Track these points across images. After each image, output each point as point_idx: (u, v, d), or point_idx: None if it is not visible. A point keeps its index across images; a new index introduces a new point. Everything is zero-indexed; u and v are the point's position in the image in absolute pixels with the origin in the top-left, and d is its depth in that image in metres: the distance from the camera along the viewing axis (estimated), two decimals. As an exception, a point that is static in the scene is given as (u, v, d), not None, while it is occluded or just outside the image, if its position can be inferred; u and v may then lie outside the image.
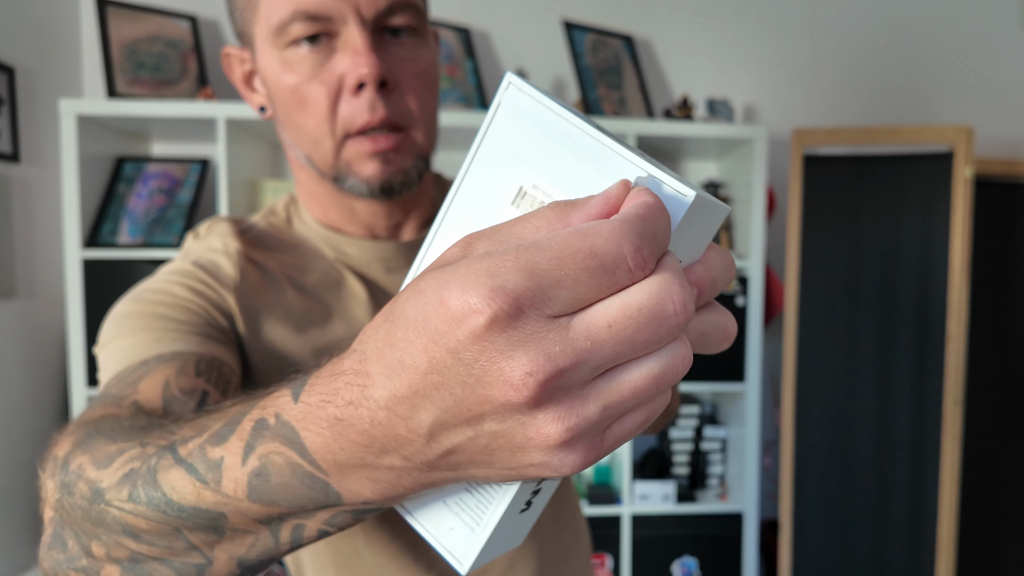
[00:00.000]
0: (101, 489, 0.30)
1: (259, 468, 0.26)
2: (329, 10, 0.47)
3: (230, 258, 0.54)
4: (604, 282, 0.20)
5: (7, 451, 1.65)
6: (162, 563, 0.30)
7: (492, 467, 0.23)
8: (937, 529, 1.78)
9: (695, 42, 2.14)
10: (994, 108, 2.26)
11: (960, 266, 1.74)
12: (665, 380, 0.21)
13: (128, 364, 0.44)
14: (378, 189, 0.52)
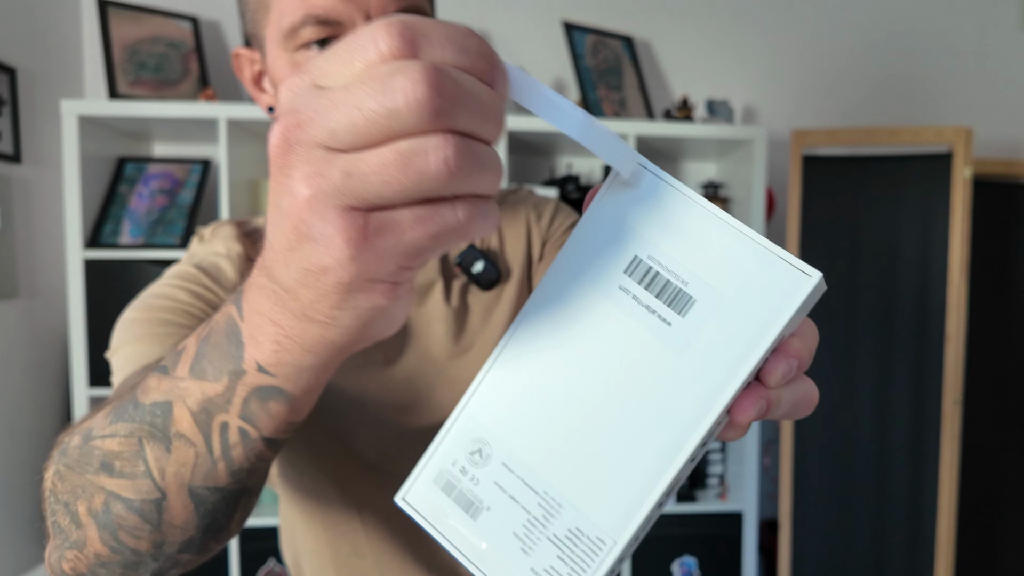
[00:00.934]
0: (91, 429, 0.33)
1: (206, 333, 0.30)
2: (340, 14, 0.48)
3: (231, 261, 0.55)
4: (351, 57, 0.21)
5: (9, 451, 1.65)
6: (126, 505, 0.31)
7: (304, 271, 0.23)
8: (936, 528, 1.78)
9: (695, 43, 2.15)
10: (993, 109, 2.27)
11: (959, 266, 1.74)
12: (411, 169, 0.20)
13: (134, 369, 0.46)
14: None
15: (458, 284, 0.62)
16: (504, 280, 0.62)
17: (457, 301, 0.61)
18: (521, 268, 0.63)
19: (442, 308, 0.60)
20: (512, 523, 0.26)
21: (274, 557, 1.73)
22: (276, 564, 1.73)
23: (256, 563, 1.73)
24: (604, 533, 0.25)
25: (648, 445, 0.25)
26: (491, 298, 0.62)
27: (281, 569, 1.74)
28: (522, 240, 0.64)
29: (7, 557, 1.65)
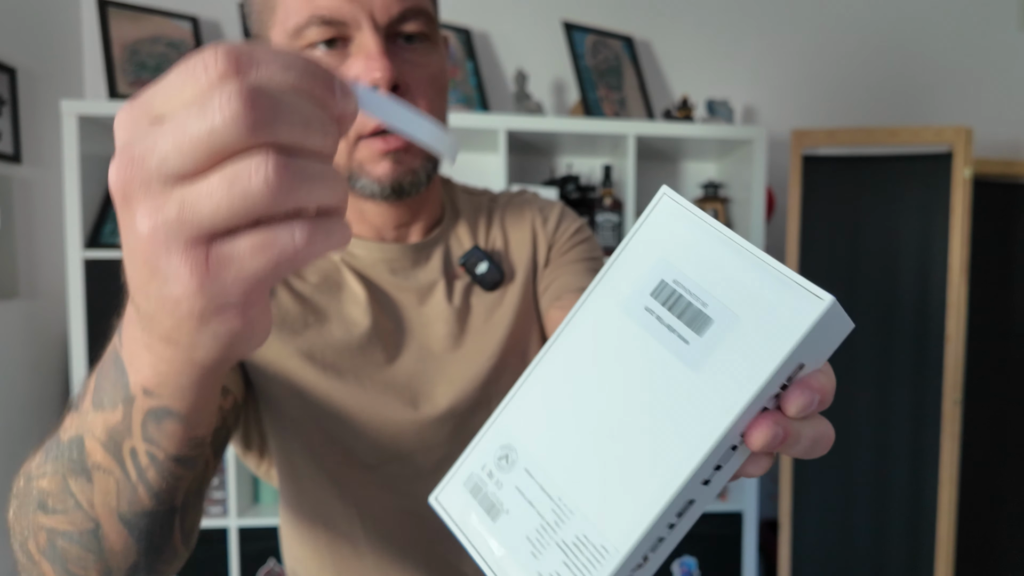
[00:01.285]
0: (30, 471, 0.35)
1: (99, 365, 0.32)
2: (344, 15, 0.49)
3: None
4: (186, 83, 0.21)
5: (8, 451, 1.65)
6: (67, 539, 0.33)
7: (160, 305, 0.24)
8: (936, 528, 1.78)
9: (694, 43, 2.15)
10: (993, 109, 2.27)
11: (959, 266, 1.75)
12: (235, 190, 0.20)
13: None
14: (389, 188, 0.53)
15: (461, 284, 0.62)
16: (508, 281, 0.63)
17: (460, 301, 0.61)
18: (525, 271, 0.64)
19: (444, 308, 0.60)
20: (526, 527, 0.27)
21: (274, 557, 1.73)
22: (276, 564, 1.73)
23: (256, 563, 1.73)
24: (608, 542, 0.25)
25: (659, 460, 0.25)
26: (494, 299, 0.62)
27: (281, 569, 1.74)
28: (527, 243, 0.65)
29: (9, 557, 1.65)
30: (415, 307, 0.60)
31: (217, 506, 1.72)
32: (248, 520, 1.71)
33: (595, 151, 2.02)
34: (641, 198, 2.09)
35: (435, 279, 0.61)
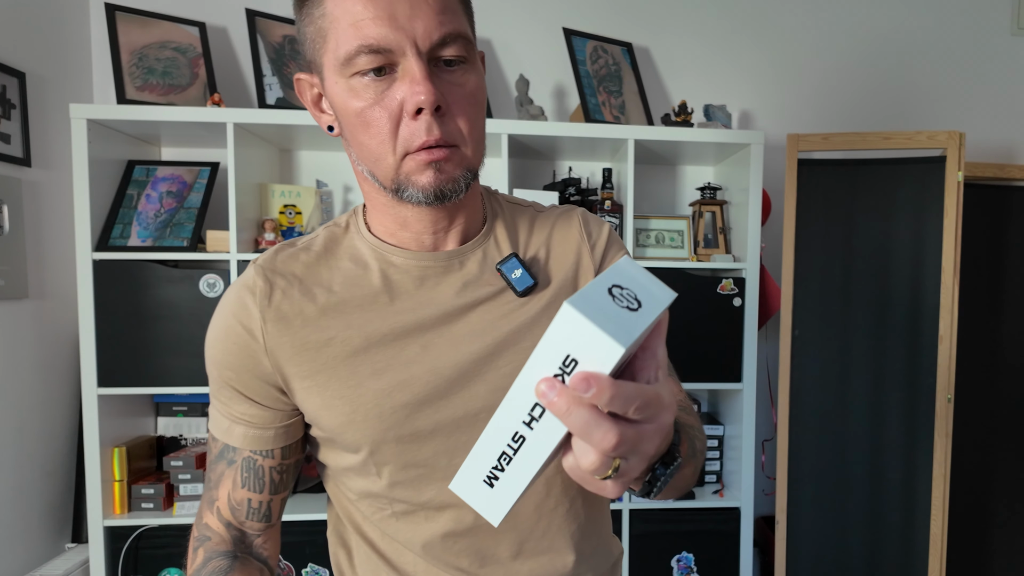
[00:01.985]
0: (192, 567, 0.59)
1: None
2: (390, 43, 0.53)
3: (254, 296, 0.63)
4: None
5: (20, 450, 1.68)
6: None
7: None
8: (930, 523, 1.82)
9: (693, 50, 2.18)
10: (985, 113, 2.31)
11: (952, 267, 1.78)
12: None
13: (216, 435, 0.66)
14: (432, 195, 0.58)
15: (492, 289, 0.66)
16: (540, 289, 0.67)
17: (488, 305, 0.65)
18: (561, 282, 0.68)
19: (472, 311, 0.64)
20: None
21: (280, 554, 1.76)
22: (282, 561, 1.76)
23: (263, 559, 1.76)
24: None
25: None
26: (522, 303, 0.66)
27: (287, 566, 1.77)
28: (571, 257, 0.69)
29: (19, 552, 1.68)
30: (443, 310, 0.64)
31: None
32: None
33: (595, 155, 2.05)
34: (640, 201, 2.13)
35: (467, 282, 0.65)
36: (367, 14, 0.53)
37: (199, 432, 1.94)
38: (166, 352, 1.69)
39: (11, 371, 1.65)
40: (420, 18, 0.53)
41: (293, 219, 1.84)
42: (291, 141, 1.92)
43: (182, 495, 1.75)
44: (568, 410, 0.34)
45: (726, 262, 1.90)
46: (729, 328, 1.87)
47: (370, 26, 0.53)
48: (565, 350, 0.34)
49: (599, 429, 0.35)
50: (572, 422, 0.34)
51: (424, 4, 0.54)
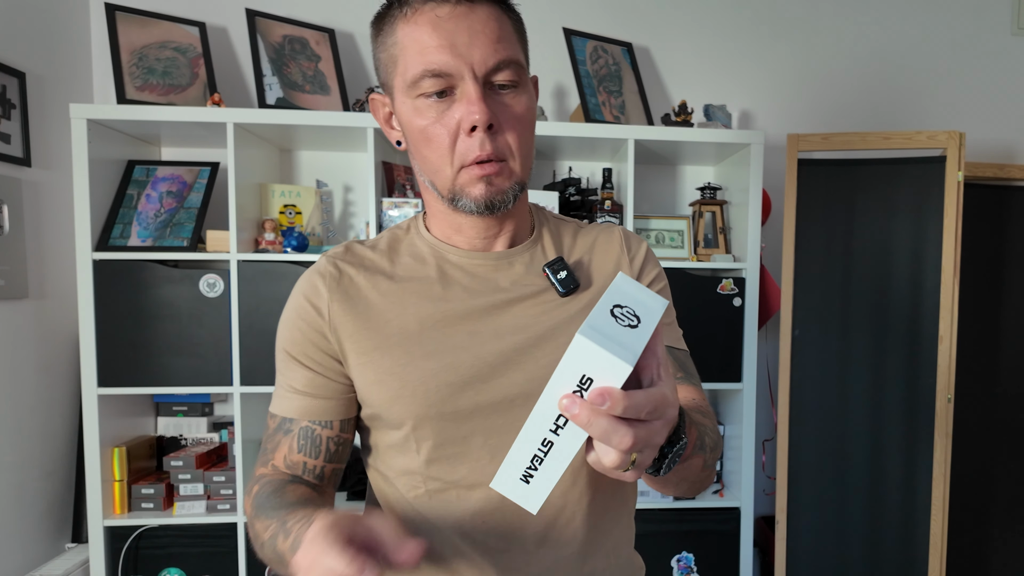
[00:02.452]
0: (263, 541, 0.63)
1: (297, 534, 0.57)
2: (451, 69, 0.61)
3: (324, 280, 0.71)
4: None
5: (20, 450, 1.68)
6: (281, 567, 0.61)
7: None
8: (930, 523, 1.82)
9: (693, 50, 2.19)
10: (985, 113, 2.31)
11: (951, 267, 1.78)
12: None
13: (276, 411, 0.72)
14: (484, 206, 0.66)
15: (535, 288, 0.72)
16: (581, 290, 0.73)
17: (535, 299, 0.72)
18: (601, 287, 0.74)
19: (518, 304, 0.71)
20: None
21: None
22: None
23: (263, 559, 1.76)
24: None
25: None
26: (563, 302, 0.72)
27: (287, 565, 1.77)
28: (611, 265, 0.76)
29: (19, 552, 1.68)
30: (491, 302, 0.70)
31: (226, 502, 1.75)
32: (255, 517, 1.74)
33: (595, 155, 2.05)
34: (640, 201, 2.13)
35: (514, 280, 0.72)
36: (432, 43, 0.61)
37: (199, 432, 1.94)
38: (166, 352, 1.69)
39: (11, 371, 1.65)
40: (477, 47, 0.61)
41: (293, 219, 1.84)
42: (291, 141, 1.92)
43: (182, 495, 1.75)
44: (589, 421, 0.41)
45: (726, 262, 1.90)
46: (729, 328, 1.87)
47: (434, 53, 0.61)
48: (581, 371, 0.41)
49: (617, 434, 0.41)
50: (594, 430, 0.41)
51: (482, 34, 0.62)
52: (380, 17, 0.67)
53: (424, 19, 0.62)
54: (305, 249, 1.76)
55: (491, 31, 0.62)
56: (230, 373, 1.71)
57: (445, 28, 0.61)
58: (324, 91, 1.88)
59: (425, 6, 0.62)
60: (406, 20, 0.63)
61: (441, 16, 0.61)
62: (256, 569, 1.75)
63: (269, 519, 0.63)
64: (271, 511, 0.63)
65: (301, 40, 1.90)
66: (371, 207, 1.76)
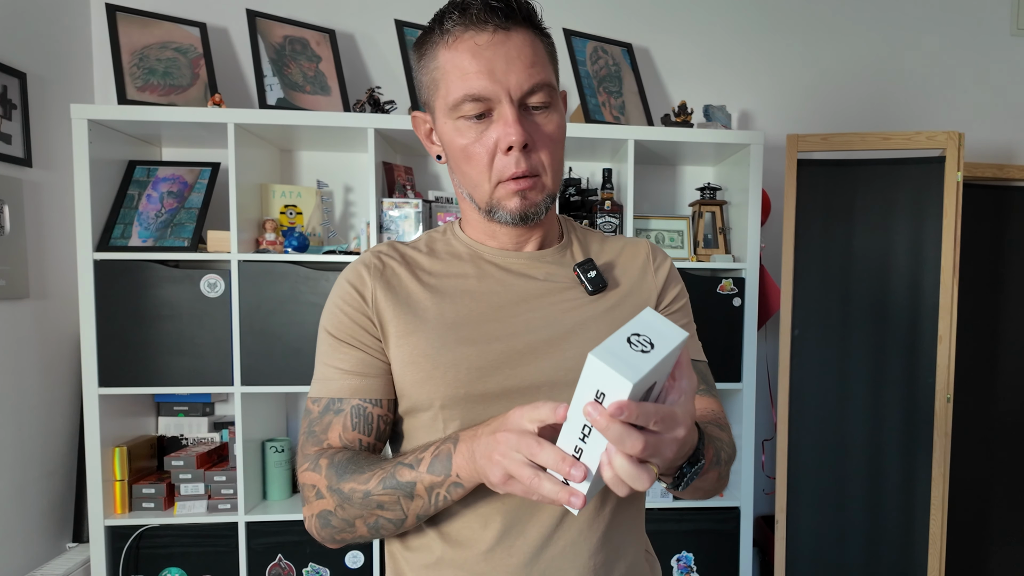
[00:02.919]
0: (369, 491, 0.66)
1: (438, 453, 0.64)
2: (489, 93, 0.67)
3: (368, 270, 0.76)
4: None
5: (21, 450, 1.68)
6: (387, 520, 0.67)
7: None
8: (929, 523, 1.82)
9: (692, 50, 2.19)
10: (985, 113, 2.31)
11: (951, 268, 1.79)
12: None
13: (320, 395, 0.74)
14: (518, 217, 0.73)
15: (568, 284, 0.78)
16: (608, 291, 0.79)
17: (564, 295, 0.77)
18: (626, 290, 0.80)
19: (551, 297, 0.76)
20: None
21: (281, 554, 1.77)
22: (283, 560, 1.77)
23: (265, 559, 1.76)
24: None
25: None
26: (590, 300, 0.77)
27: (288, 566, 1.77)
28: (636, 272, 0.82)
29: (20, 552, 1.68)
30: (523, 296, 0.76)
31: (226, 502, 1.76)
32: (256, 516, 1.75)
33: (595, 155, 2.05)
34: (640, 201, 2.13)
35: (545, 277, 0.78)
36: (471, 69, 0.66)
37: (199, 432, 1.94)
38: (167, 352, 1.69)
39: (12, 371, 1.66)
40: (514, 72, 0.67)
41: (294, 219, 1.84)
42: (292, 141, 1.93)
43: (183, 495, 1.76)
44: (607, 426, 0.48)
45: (726, 262, 1.91)
46: (729, 328, 1.88)
47: (474, 79, 0.66)
48: (595, 386, 0.48)
49: (629, 438, 0.48)
50: (611, 434, 0.48)
51: (517, 60, 0.67)
52: (422, 41, 0.72)
53: (464, 46, 0.67)
54: (306, 249, 1.76)
55: (526, 57, 0.68)
56: (231, 373, 1.71)
57: (484, 55, 0.66)
58: (325, 91, 1.88)
59: (465, 33, 0.67)
60: (447, 46, 0.68)
61: (480, 44, 0.66)
62: (256, 569, 1.76)
63: (366, 472, 0.67)
64: (365, 468, 0.67)
65: (302, 40, 1.90)
66: (371, 207, 1.77)
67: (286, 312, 1.72)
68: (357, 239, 1.85)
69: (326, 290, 1.73)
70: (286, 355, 1.72)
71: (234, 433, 1.79)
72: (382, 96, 1.88)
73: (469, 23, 0.67)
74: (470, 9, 0.66)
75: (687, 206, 2.16)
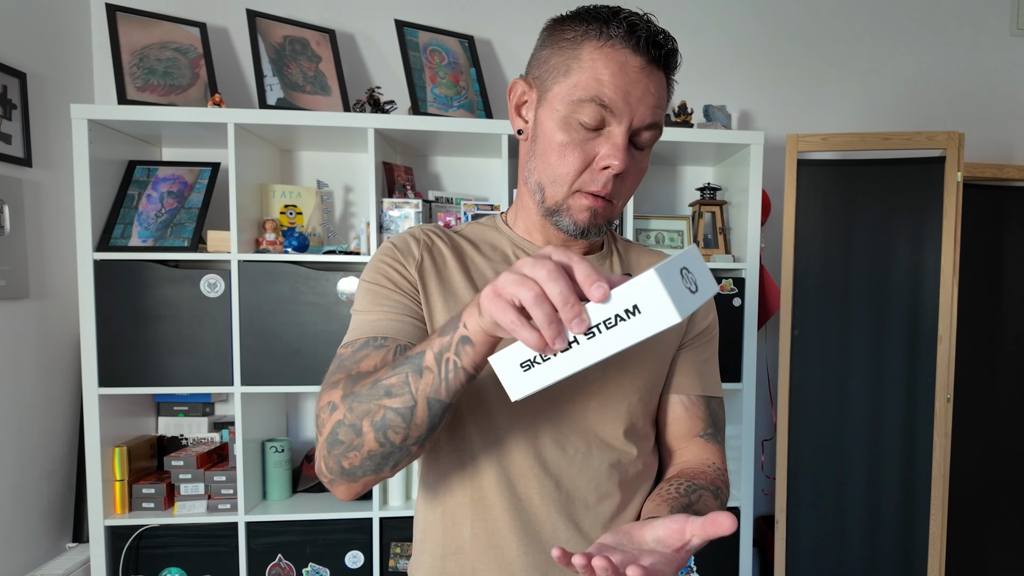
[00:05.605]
0: (379, 378, 0.60)
1: (450, 318, 0.59)
2: (616, 109, 0.67)
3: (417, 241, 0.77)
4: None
5: (21, 450, 1.68)
6: (395, 412, 0.58)
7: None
8: (929, 523, 1.82)
9: (692, 50, 2.19)
10: (984, 113, 2.31)
11: (951, 268, 1.79)
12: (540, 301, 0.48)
13: (360, 337, 0.70)
14: (580, 231, 0.73)
15: None
16: None
17: None
18: None
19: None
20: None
21: (281, 554, 1.77)
22: (283, 560, 1.77)
23: (265, 558, 1.76)
24: None
25: None
26: None
27: (288, 566, 1.77)
28: None
29: (20, 552, 1.68)
30: None
31: (226, 502, 1.76)
32: (256, 516, 1.75)
33: (595, 155, 2.05)
34: (640, 201, 2.13)
35: None
36: (613, 81, 0.66)
37: (200, 432, 1.94)
38: (167, 352, 1.69)
39: (12, 371, 1.66)
40: (643, 105, 0.67)
41: (294, 219, 1.84)
42: (292, 141, 1.93)
43: (183, 495, 1.75)
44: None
45: (726, 262, 1.91)
46: (729, 328, 1.88)
47: (611, 90, 0.66)
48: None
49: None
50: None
51: (650, 95, 0.68)
52: (570, 24, 0.70)
53: (616, 57, 0.66)
54: (306, 249, 1.76)
55: (658, 97, 0.69)
56: (231, 373, 1.71)
57: (629, 76, 0.66)
58: (325, 92, 1.88)
59: (623, 48, 0.66)
60: (599, 48, 0.67)
61: (631, 65, 0.66)
62: (256, 569, 1.76)
63: (382, 368, 0.62)
64: (380, 368, 0.63)
65: (302, 41, 1.90)
66: (371, 207, 1.77)
67: (286, 312, 1.72)
68: (357, 239, 1.85)
69: (326, 290, 1.73)
70: (286, 355, 1.72)
71: (234, 433, 1.79)
72: (382, 96, 1.88)
73: (630, 42, 0.66)
74: (637, 32, 0.67)
75: (687, 206, 2.16)
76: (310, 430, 2.08)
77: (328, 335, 1.73)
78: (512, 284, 0.48)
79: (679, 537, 0.54)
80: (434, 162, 2.11)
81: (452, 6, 2.08)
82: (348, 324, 0.75)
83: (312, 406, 2.08)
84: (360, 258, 1.78)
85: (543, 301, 0.47)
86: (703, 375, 0.83)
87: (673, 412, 0.81)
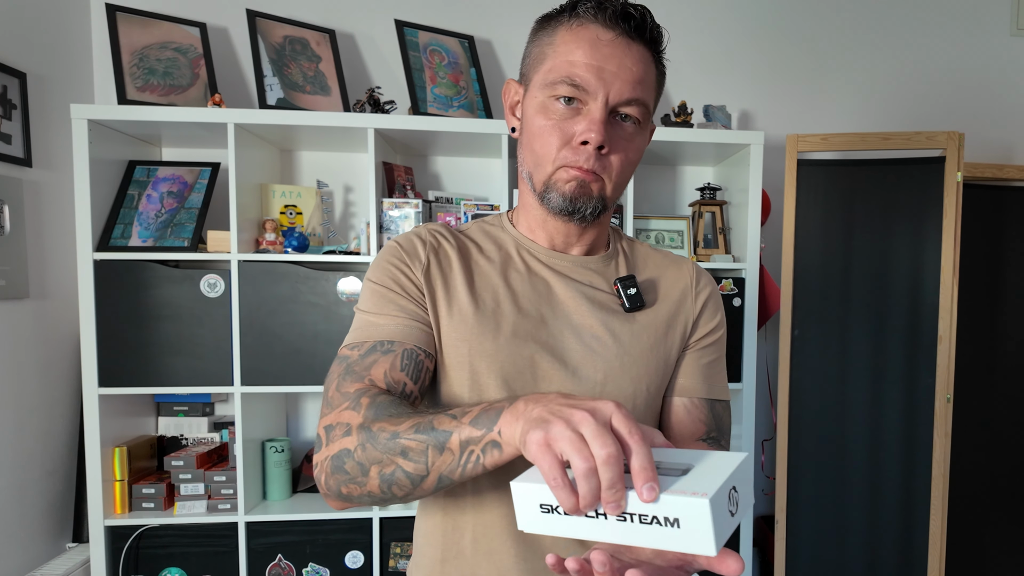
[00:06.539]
0: (398, 432, 0.59)
1: (487, 408, 0.56)
2: (589, 87, 0.67)
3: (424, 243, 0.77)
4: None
5: (21, 450, 1.68)
6: (404, 474, 0.58)
7: None
8: (929, 523, 1.82)
9: (693, 50, 2.19)
10: (984, 113, 2.31)
11: (951, 268, 1.79)
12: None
13: (364, 339, 0.71)
14: (568, 202, 0.71)
15: (606, 294, 0.79)
16: (646, 307, 0.79)
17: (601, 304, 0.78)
18: (665, 313, 0.80)
19: (588, 304, 0.77)
20: None
21: (281, 554, 1.77)
22: (283, 560, 1.77)
23: (264, 559, 1.76)
24: None
25: None
26: (629, 318, 0.78)
27: (288, 566, 1.77)
28: (676, 294, 0.82)
29: (20, 552, 1.68)
30: (561, 298, 0.76)
31: (226, 502, 1.76)
32: (256, 516, 1.75)
33: (595, 155, 2.05)
34: (640, 201, 2.13)
35: (589, 282, 0.78)
36: (583, 59, 0.66)
37: (199, 432, 1.94)
38: (167, 352, 1.69)
39: (12, 371, 1.66)
40: (619, 80, 0.67)
41: (294, 219, 1.84)
42: (292, 141, 1.93)
43: (183, 495, 1.75)
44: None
45: (726, 262, 1.91)
46: (729, 328, 1.86)
47: (581, 68, 0.66)
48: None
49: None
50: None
51: (627, 70, 0.67)
52: (548, 18, 0.72)
53: (586, 35, 0.67)
54: (306, 249, 1.76)
55: (637, 71, 0.68)
56: (231, 373, 1.71)
57: (600, 52, 0.66)
58: (325, 92, 1.88)
59: (592, 24, 0.67)
60: (570, 29, 0.68)
61: (602, 40, 0.67)
62: (256, 569, 1.76)
63: (404, 416, 0.61)
64: (404, 412, 0.62)
65: (302, 41, 1.90)
66: (371, 207, 1.77)
67: (286, 312, 1.72)
68: (357, 239, 1.85)
69: (326, 290, 1.73)
70: (286, 355, 1.72)
71: (234, 433, 1.79)
72: (382, 96, 1.88)
73: (600, 17, 0.67)
74: (606, 6, 0.67)
75: (687, 206, 2.16)
76: (310, 430, 2.08)
77: (328, 335, 1.73)
78: (567, 443, 0.46)
79: (680, 555, 0.52)
80: (434, 162, 2.12)
81: (452, 6, 2.08)
82: (348, 324, 0.75)
83: (312, 406, 2.08)
84: (360, 258, 1.78)
85: (592, 476, 0.45)
86: (707, 378, 0.82)
87: (675, 415, 0.81)
